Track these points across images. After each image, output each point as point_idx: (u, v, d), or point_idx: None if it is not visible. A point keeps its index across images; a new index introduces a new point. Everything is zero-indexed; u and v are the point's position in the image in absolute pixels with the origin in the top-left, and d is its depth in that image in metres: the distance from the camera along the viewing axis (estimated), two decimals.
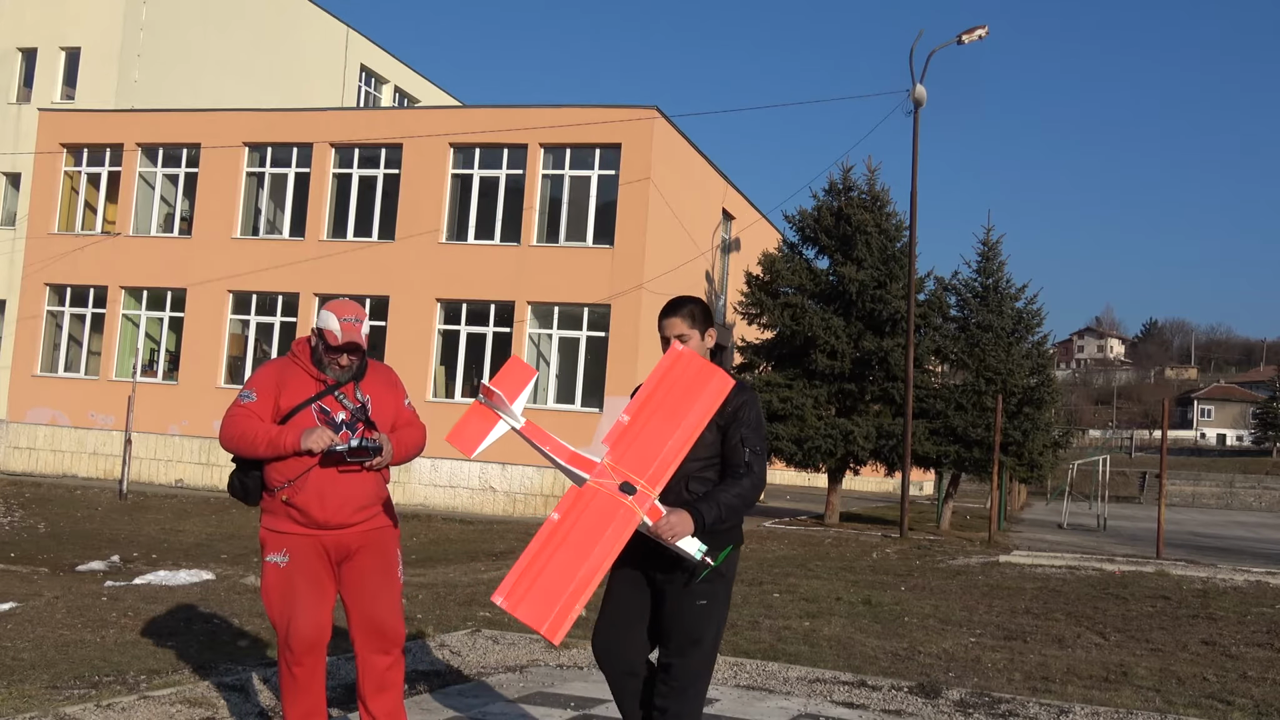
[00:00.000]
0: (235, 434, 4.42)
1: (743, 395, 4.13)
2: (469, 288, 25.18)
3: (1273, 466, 76.61)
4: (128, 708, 5.42)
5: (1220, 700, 7.17)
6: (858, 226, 23.90)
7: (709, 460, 4.09)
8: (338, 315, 4.46)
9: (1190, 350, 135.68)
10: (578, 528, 3.80)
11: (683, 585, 4.04)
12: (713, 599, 4.07)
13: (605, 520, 3.79)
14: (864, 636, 9.06)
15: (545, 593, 3.71)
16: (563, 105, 25.03)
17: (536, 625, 3.69)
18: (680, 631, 4.08)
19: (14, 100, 30.49)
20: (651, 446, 3.93)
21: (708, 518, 3.92)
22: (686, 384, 4.03)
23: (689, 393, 4.01)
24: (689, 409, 3.98)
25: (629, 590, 4.17)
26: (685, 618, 4.06)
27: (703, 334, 4.25)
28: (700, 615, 4.06)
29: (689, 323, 4.23)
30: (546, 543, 3.80)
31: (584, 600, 3.72)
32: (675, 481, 4.03)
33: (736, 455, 4.06)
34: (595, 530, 3.78)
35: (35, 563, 13.44)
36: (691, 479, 4.06)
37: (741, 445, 4.06)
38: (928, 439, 23.32)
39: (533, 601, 3.70)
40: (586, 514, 3.83)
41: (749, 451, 4.06)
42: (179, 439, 26.71)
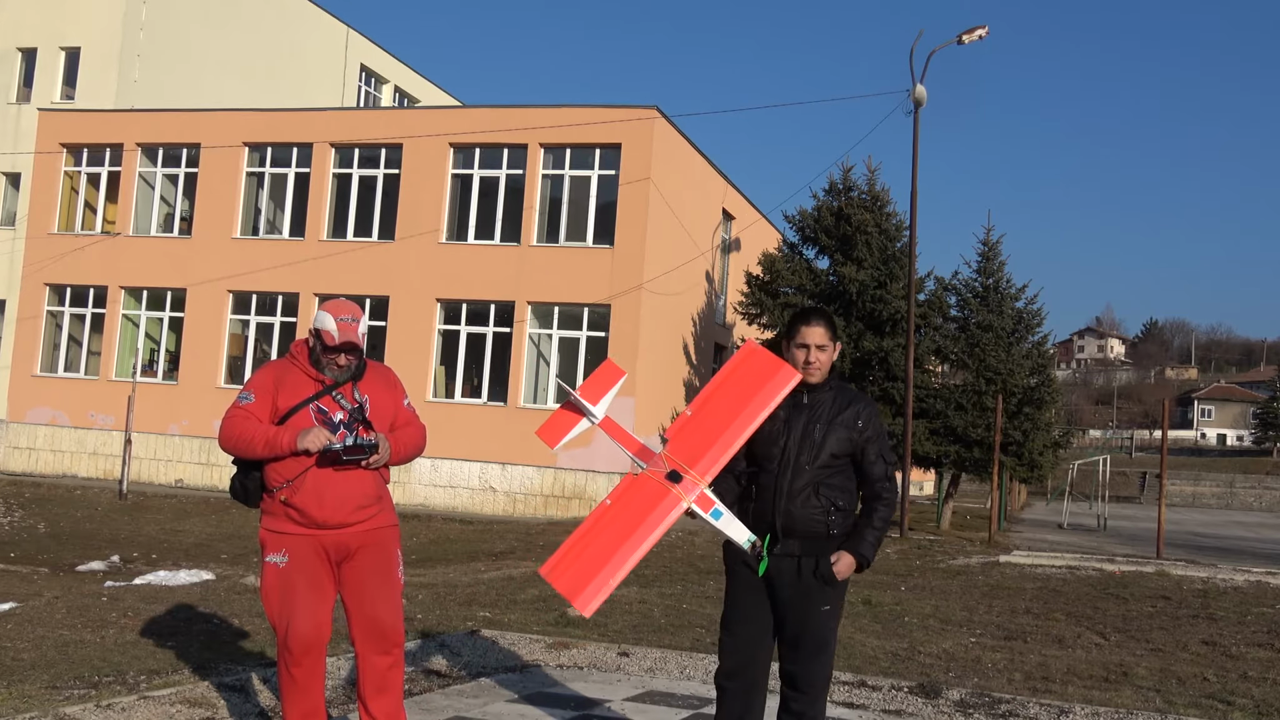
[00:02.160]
0: (233, 435, 4.43)
1: (869, 407, 4.22)
2: (469, 288, 25.17)
3: (1273, 466, 76.60)
4: (127, 708, 5.42)
5: (1220, 700, 7.16)
6: (858, 226, 23.90)
7: (837, 468, 4.15)
8: (334, 315, 4.47)
9: (1190, 350, 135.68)
10: (624, 511, 4.00)
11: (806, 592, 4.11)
12: (835, 604, 4.15)
13: (649, 505, 3.96)
14: (864, 636, 9.05)
15: (584, 568, 3.91)
16: (563, 105, 25.03)
17: (571, 596, 3.87)
18: (809, 639, 4.14)
19: (14, 100, 30.48)
20: (706, 438, 4.05)
21: (869, 554, 4.12)
22: (751, 377, 4.12)
23: (752, 385, 4.09)
24: (749, 401, 4.06)
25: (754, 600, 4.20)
26: (811, 624, 4.12)
27: (834, 343, 4.27)
28: (825, 621, 4.14)
29: (829, 334, 4.24)
30: (595, 524, 4.02)
31: (620, 578, 3.88)
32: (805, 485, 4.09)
33: (876, 469, 4.17)
34: (639, 514, 3.96)
35: (35, 563, 13.43)
36: (823, 485, 4.12)
37: (881, 460, 4.17)
38: (928, 439, 23.32)
39: (571, 575, 3.91)
40: (634, 499, 4.01)
41: (888, 466, 4.20)
42: (179, 439, 26.71)
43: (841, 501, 4.13)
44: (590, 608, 3.84)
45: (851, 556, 4.08)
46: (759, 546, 3.96)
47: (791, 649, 4.17)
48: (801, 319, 4.24)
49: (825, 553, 4.10)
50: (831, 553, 4.09)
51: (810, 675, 4.14)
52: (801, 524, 4.10)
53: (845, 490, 4.15)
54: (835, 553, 4.08)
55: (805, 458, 4.10)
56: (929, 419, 23.56)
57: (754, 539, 3.95)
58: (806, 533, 4.11)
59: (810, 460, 4.10)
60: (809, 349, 4.17)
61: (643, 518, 3.93)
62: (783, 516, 4.11)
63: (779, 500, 4.11)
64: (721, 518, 3.96)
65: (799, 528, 4.11)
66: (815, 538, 4.11)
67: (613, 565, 3.87)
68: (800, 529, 4.11)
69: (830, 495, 4.11)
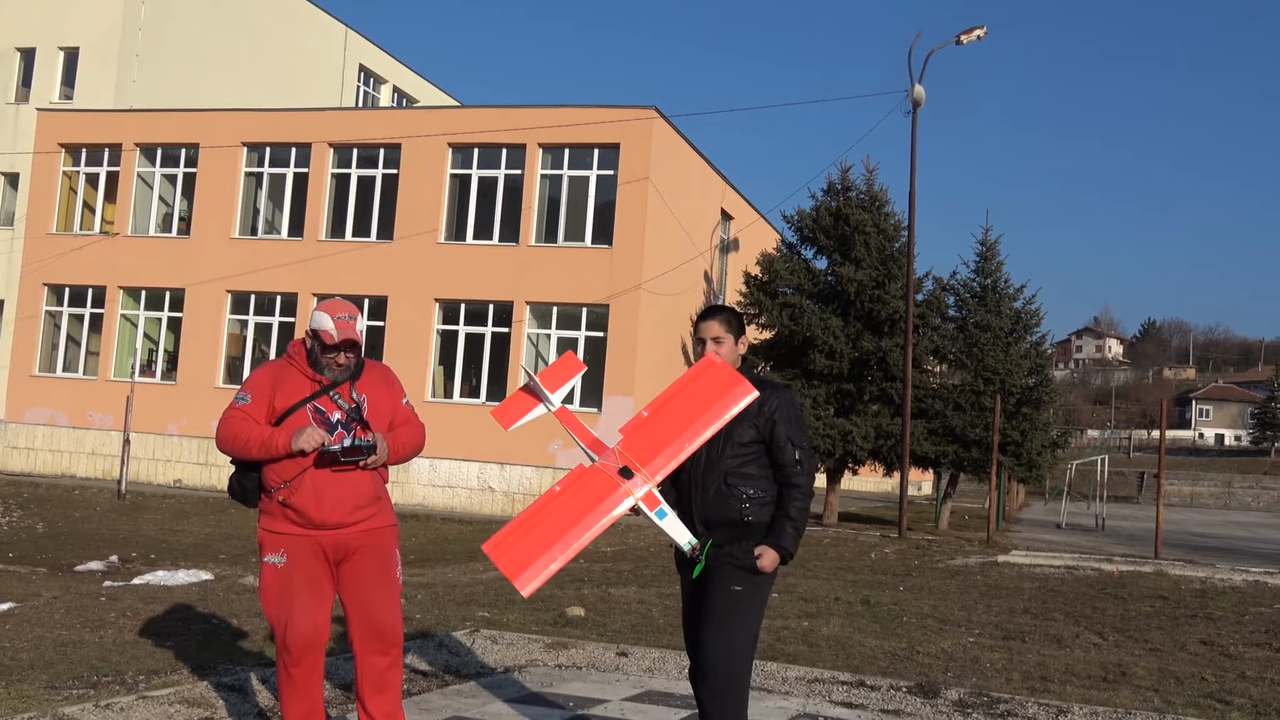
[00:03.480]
0: (229, 436, 4.45)
1: (778, 394, 4.27)
2: (467, 288, 25.17)
3: (1271, 466, 76.67)
4: (126, 708, 5.42)
5: (1218, 700, 7.17)
6: (856, 226, 23.91)
7: (748, 457, 4.22)
8: (331, 314, 4.48)
9: (1188, 350, 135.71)
10: (573, 499, 4.06)
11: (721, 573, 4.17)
12: (749, 589, 4.17)
13: (598, 497, 4.04)
14: (863, 636, 9.06)
15: (527, 550, 3.97)
16: (561, 105, 25.03)
17: (511, 575, 3.91)
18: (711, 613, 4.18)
19: (12, 100, 30.46)
20: (659, 441, 4.12)
21: (790, 546, 4.18)
22: (709, 389, 4.18)
23: (709, 397, 4.16)
24: (705, 411, 4.13)
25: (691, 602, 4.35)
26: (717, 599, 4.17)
27: (736, 340, 4.41)
28: (734, 599, 4.16)
29: (725, 327, 4.40)
30: (542, 509, 4.08)
31: (560, 564, 3.94)
32: (715, 477, 4.21)
33: (785, 454, 4.22)
34: (587, 504, 4.03)
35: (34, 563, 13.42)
36: (730, 474, 4.21)
37: (790, 444, 4.21)
38: (926, 439, 23.33)
39: (514, 555, 3.97)
40: (583, 489, 4.08)
41: (798, 450, 4.22)
42: (177, 439, 26.69)
43: (753, 490, 4.19)
44: (529, 589, 3.91)
45: (773, 551, 4.15)
46: (698, 550, 4.00)
47: (699, 626, 4.23)
48: (701, 316, 4.47)
49: (745, 539, 4.17)
50: (752, 538, 4.16)
51: (711, 654, 4.13)
52: (717, 514, 4.20)
53: (759, 478, 4.22)
54: (759, 547, 4.14)
55: (713, 450, 4.20)
56: (927, 419, 23.57)
57: (694, 542, 4.00)
58: (724, 522, 4.19)
59: (718, 451, 4.20)
60: (705, 342, 4.38)
61: (590, 508, 4.01)
62: (699, 509, 4.24)
63: (695, 493, 4.25)
64: (666, 518, 4.02)
65: (715, 518, 4.21)
66: (732, 525, 4.19)
67: (556, 550, 3.95)
68: (717, 519, 4.20)
69: (741, 484, 4.18)
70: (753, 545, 4.16)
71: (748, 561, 4.14)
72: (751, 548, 4.16)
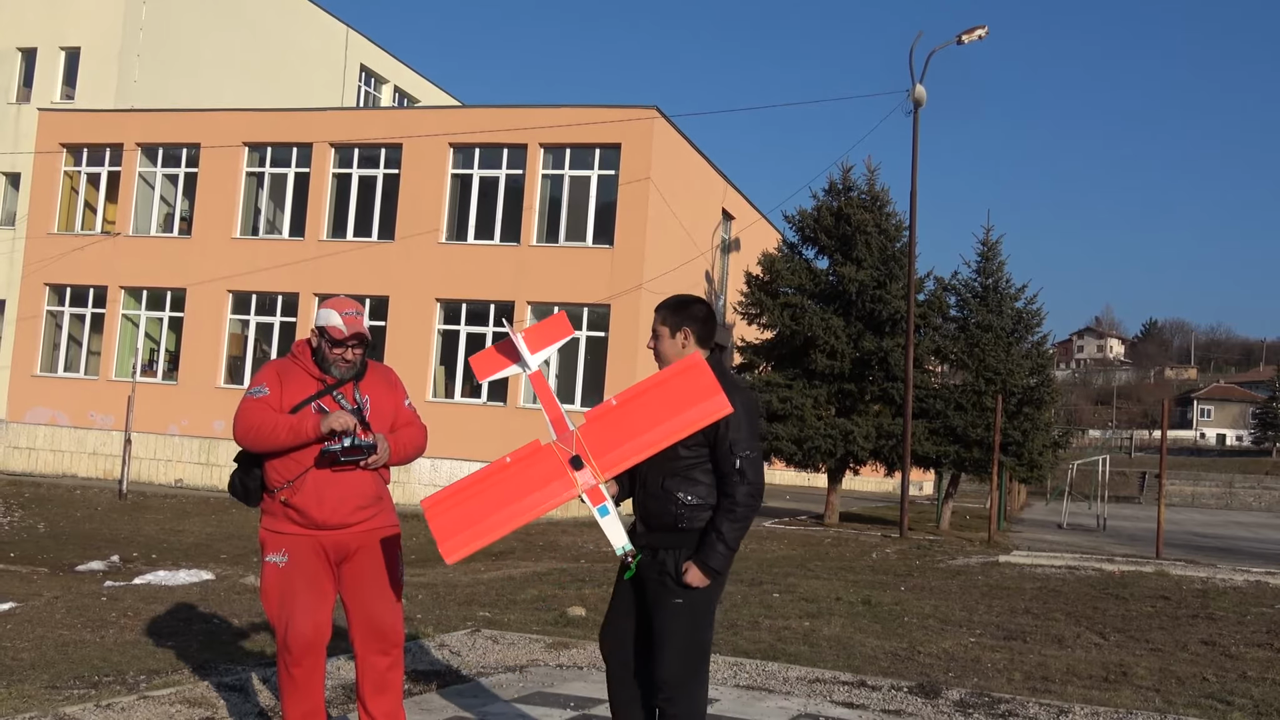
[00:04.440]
0: (254, 425, 4.39)
1: (734, 396, 4.03)
2: (469, 288, 25.18)
3: (1272, 467, 76.63)
4: (127, 708, 5.42)
5: (1220, 700, 7.17)
6: (857, 226, 23.89)
7: (694, 460, 4.06)
8: (339, 310, 4.51)
9: (1190, 350, 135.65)
10: (519, 477, 3.99)
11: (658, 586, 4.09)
12: (691, 601, 4.07)
13: (544, 481, 3.97)
14: (864, 636, 9.06)
15: (462, 517, 3.92)
16: (562, 105, 25.05)
17: (440, 540, 3.88)
18: (656, 631, 4.12)
19: (14, 100, 30.48)
20: (619, 437, 3.99)
21: (718, 565, 4.02)
22: (683, 394, 4.00)
23: (680, 403, 3.98)
24: (672, 417, 3.96)
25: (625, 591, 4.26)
26: (660, 616, 4.10)
27: (673, 332, 4.21)
28: (675, 614, 4.07)
29: (660, 320, 4.25)
30: (488, 478, 4.01)
31: (492, 538, 3.91)
32: (654, 477, 4.09)
33: (726, 463, 4.01)
34: (532, 486, 3.97)
35: (35, 563, 13.43)
36: (670, 477, 4.07)
37: (731, 452, 4.01)
38: (927, 439, 23.32)
39: (449, 519, 3.92)
40: (532, 468, 4.00)
41: (739, 459, 4.00)
42: (179, 439, 26.71)
43: (691, 495, 4.04)
44: (453, 557, 3.87)
45: (697, 570, 4.01)
46: (630, 557, 3.96)
47: (648, 640, 4.17)
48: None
49: (681, 545, 4.06)
50: (688, 545, 4.05)
51: (661, 670, 4.08)
52: (655, 516, 4.12)
53: (701, 483, 4.06)
54: (686, 561, 4.03)
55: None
56: (928, 419, 23.56)
57: (627, 548, 3.94)
58: (659, 524, 4.11)
59: (663, 451, 4.03)
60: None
61: (533, 490, 3.96)
62: (639, 507, 4.19)
63: (638, 492, 4.18)
64: (606, 516, 3.96)
65: (653, 519, 4.13)
66: (667, 530, 4.09)
67: (489, 525, 3.91)
68: (654, 520, 4.13)
69: (679, 487, 4.05)
70: (685, 555, 4.04)
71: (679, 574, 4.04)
72: (684, 559, 4.04)
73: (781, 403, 23.32)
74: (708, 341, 4.25)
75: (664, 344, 4.22)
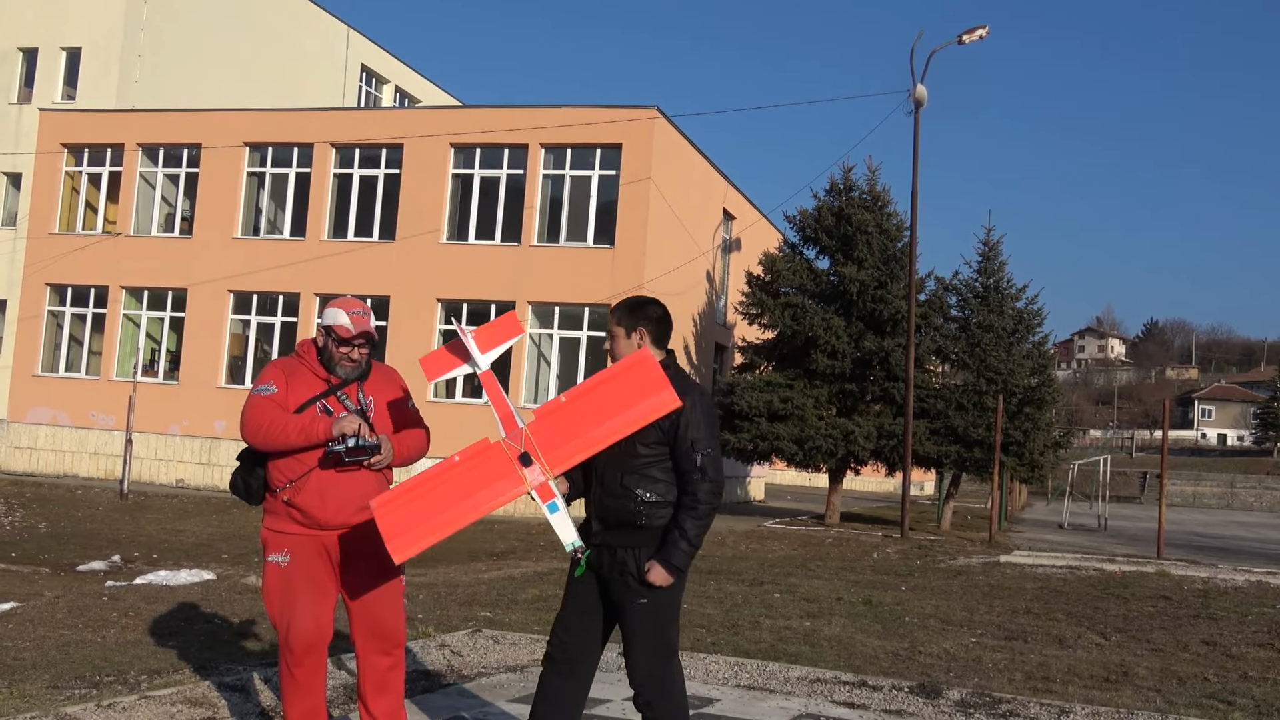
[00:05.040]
0: (264, 423, 4.38)
1: (690, 394, 4.06)
2: (470, 288, 25.18)
3: (1273, 467, 76.60)
4: (128, 708, 5.42)
5: (1221, 700, 7.17)
6: (858, 226, 23.90)
7: (652, 458, 4.08)
8: (346, 310, 4.54)
9: (1191, 350, 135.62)
10: (468, 475, 4.01)
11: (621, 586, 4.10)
12: (656, 598, 4.09)
13: (492, 478, 3.98)
14: (865, 636, 9.06)
15: (411, 515, 3.94)
16: (563, 105, 25.05)
17: (388, 538, 3.89)
18: (626, 630, 4.14)
19: (15, 100, 30.49)
20: (568, 433, 4.01)
21: (680, 562, 4.04)
22: (633, 389, 4.02)
23: (630, 398, 4.00)
24: (621, 411, 3.98)
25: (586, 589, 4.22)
26: (627, 616, 4.12)
27: (629, 333, 4.23)
28: (642, 613, 4.09)
29: (615, 321, 4.26)
30: (437, 477, 4.02)
31: (440, 537, 3.93)
32: (612, 475, 4.09)
33: (688, 460, 4.05)
34: (480, 483, 3.98)
35: (36, 562, 13.43)
36: (628, 474, 4.07)
37: (692, 450, 4.04)
38: (928, 439, 23.32)
39: (398, 518, 3.94)
40: (480, 466, 4.02)
41: (701, 456, 4.04)
42: (180, 439, 26.72)
43: (650, 493, 4.05)
44: (401, 555, 3.91)
45: (661, 568, 4.03)
46: (579, 553, 3.96)
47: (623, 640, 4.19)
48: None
49: (641, 544, 4.07)
50: (649, 544, 4.06)
51: (635, 668, 4.12)
52: (613, 514, 4.11)
53: (660, 480, 4.07)
54: (649, 560, 4.04)
55: (615, 447, 4.06)
56: (929, 419, 23.56)
57: (577, 544, 3.95)
58: (618, 522, 4.10)
59: (620, 449, 4.05)
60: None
61: (481, 488, 3.97)
62: (597, 505, 4.16)
63: (595, 489, 4.16)
64: (556, 513, 3.96)
65: (611, 517, 4.12)
66: (626, 528, 4.09)
67: (437, 524, 3.93)
68: (612, 519, 4.12)
69: (638, 485, 4.05)
70: (645, 554, 4.06)
71: (641, 573, 4.05)
72: (645, 557, 4.05)
73: (782, 403, 23.33)
74: (663, 342, 4.28)
75: (619, 344, 4.24)
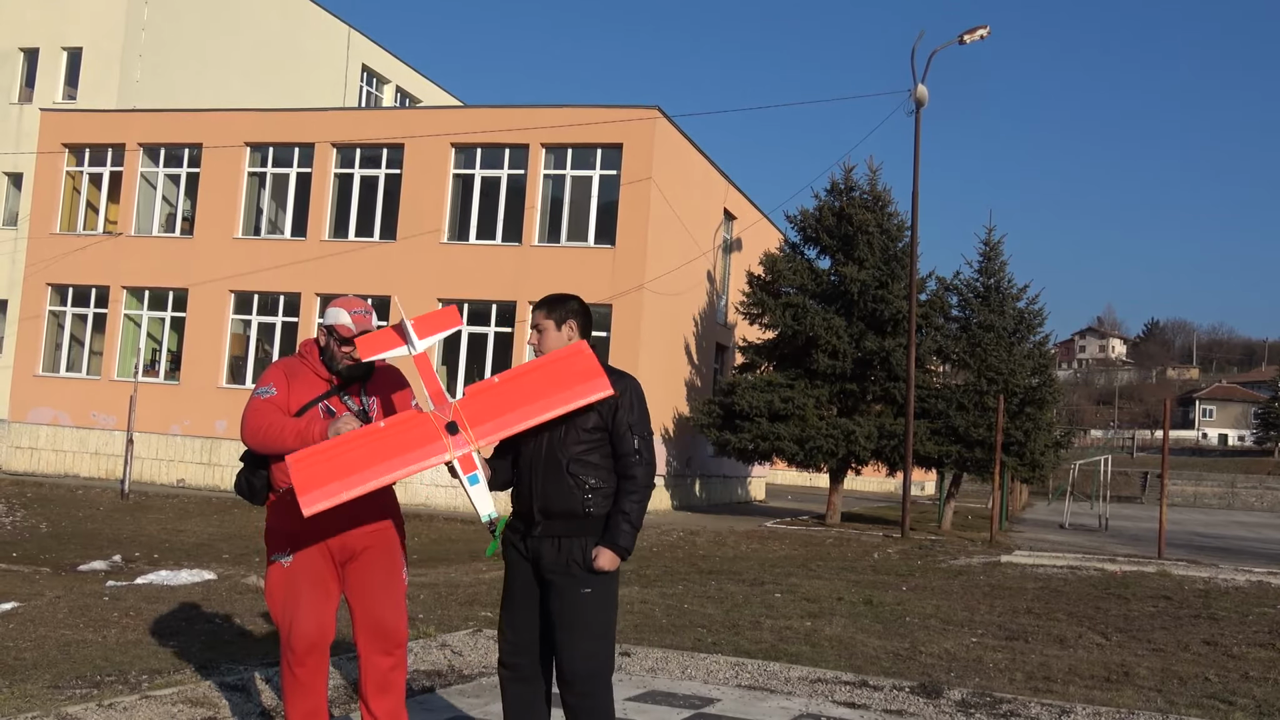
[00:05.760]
0: (262, 427, 4.39)
1: (623, 382, 4.22)
2: (470, 288, 25.18)
3: (1274, 467, 76.54)
4: (129, 707, 5.43)
5: (1222, 700, 7.17)
6: (859, 226, 23.90)
7: (592, 444, 4.17)
8: (348, 309, 4.56)
9: (1192, 350, 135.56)
10: (391, 438, 4.08)
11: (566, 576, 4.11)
12: (600, 588, 4.12)
13: (416, 443, 4.04)
14: (865, 636, 9.06)
15: (326, 471, 3.97)
16: (564, 105, 25.05)
17: (300, 491, 3.94)
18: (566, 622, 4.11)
19: (16, 100, 30.51)
20: (497, 409, 4.11)
21: (627, 544, 4.12)
22: (566, 374, 4.15)
23: (562, 382, 4.13)
24: (552, 393, 4.10)
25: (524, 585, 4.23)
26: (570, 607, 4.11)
27: (559, 325, 4.35)
28: (585, 603, 4.10)
29: (544, 314, 4.37)
30: (361, 438, 4.10)
31: (355, 493, 3.96)
32: (557, 463, 4.14)
33: (625, 444, 4.17)
34: (403, 447, 4.04)
35: (37, 562, 13.43)
36: (573, 461, 4.15)
37: (630, 433, 4.17)
38: (929, 439, 23.31)
39: (312, 473, 3.98)
40: (405, 431, 4.10)
41: (638, 439, 4.18)
42: (181, 439, 26.72)
43: (594, 479, 4.13)
44: (311, 509, 3.93)
45: (609, 551, 4.09)
46: (494, 524, 3.98)
47: (555, 634, 4.16)
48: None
49: (586, 533, 4.11)
50: (595, 532, 4.11)
51: (572, 663, 4.09)
52: (556, 504, 4.14)
53: (601, 467, 4.16)
54: (596, 547, 4.09)
55: (555, 436, 4.15)
56: (930, 419, 23.56)
57: (492, 515, 3.98)
58: (563, 512, 4.13)
59: (560, 438, 4.15)
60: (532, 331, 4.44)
61: (404, 451, 4.01)
62: (540, 498, 4.17)
63: (535, 481, 4.19)
64: (476, 485, 4.01)
65: (554, 507, 4.14)
66: (572, 517, 4.13)
67: (352, 481, 3.95)
68: (556, 509, 4.14)
69: (581, 472, 4.12)
70: (592, 543, 4.11)
71: (588, 562, 4.09)
72: (590, 545, 4.10)
73: (783, 403, 23.33)
74: (588, 334, 4.42)
75: (549, 337, 4.35)
